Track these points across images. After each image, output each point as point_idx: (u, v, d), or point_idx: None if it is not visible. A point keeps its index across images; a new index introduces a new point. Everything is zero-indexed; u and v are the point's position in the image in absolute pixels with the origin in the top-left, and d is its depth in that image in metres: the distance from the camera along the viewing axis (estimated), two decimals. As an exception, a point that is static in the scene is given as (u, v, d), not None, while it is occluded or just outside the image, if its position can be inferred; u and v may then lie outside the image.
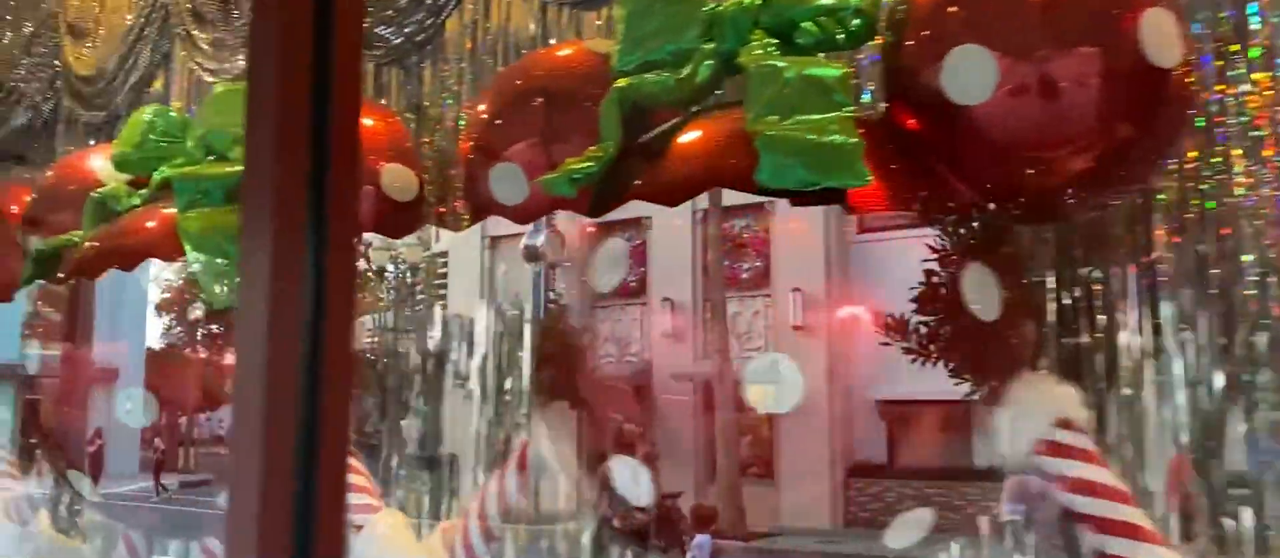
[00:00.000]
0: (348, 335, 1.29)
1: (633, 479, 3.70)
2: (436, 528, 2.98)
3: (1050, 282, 2.26)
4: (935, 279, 2.24)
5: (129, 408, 3.93)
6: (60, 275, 3.04)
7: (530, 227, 13.97)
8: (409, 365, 14.74)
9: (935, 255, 2.23)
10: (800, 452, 12.00)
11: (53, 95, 3.73)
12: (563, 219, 14.67)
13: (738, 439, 11.99)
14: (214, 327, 19.56)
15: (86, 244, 2.92)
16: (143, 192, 2.92)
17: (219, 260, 2.64)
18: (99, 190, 2.92)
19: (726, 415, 11.62)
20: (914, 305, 2.29)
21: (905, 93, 1.93)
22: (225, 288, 2.59)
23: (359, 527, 3.11)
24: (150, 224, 2.90)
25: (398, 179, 2.69)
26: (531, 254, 13.98)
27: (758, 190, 1.81)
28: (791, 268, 12.51)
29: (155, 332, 18.53)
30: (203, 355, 19.52)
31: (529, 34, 2.82)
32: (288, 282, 1.16)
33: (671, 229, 12.79)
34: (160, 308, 19.06)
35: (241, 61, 3.33)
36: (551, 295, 14.19)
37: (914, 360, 2.43)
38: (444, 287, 15.15)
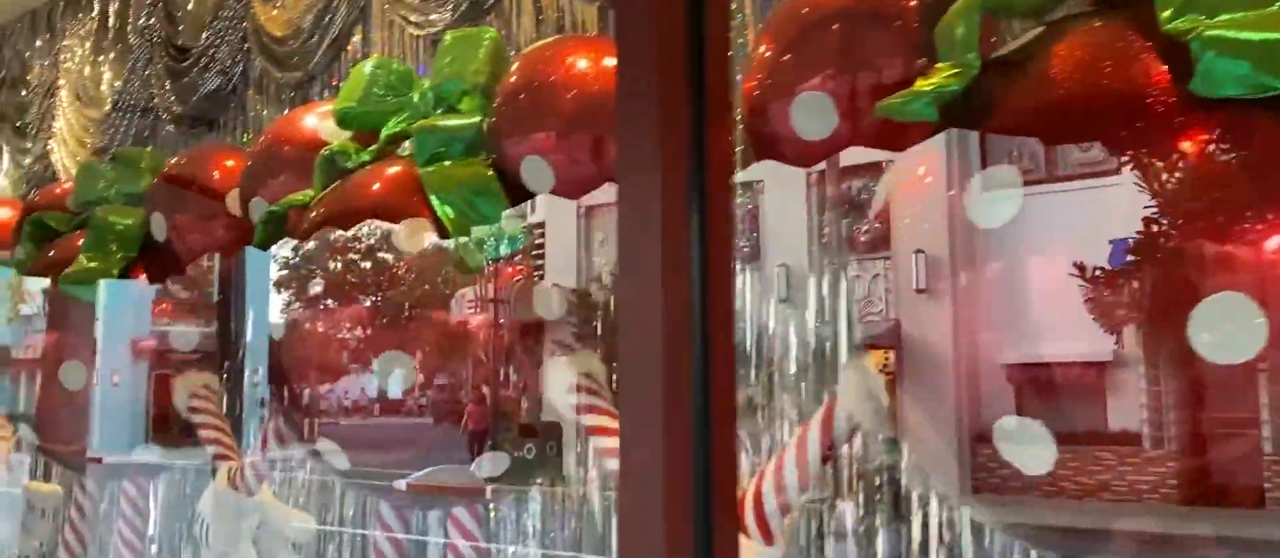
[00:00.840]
0: (730, 325, 1.23)
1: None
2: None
3: None
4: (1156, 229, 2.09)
5: (395, 374, 4.01)
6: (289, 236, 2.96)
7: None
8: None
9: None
10: (925, 416, 11.66)
11: (243, 57, 3.64)
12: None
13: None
14: (331, 301, 20.02)
15: (315, 204, 2.81)
16: (372, 148, 2.79)
17: (471, 215, 2.50)
18: (327, 148, 2.80)
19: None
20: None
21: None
22: (482, 251, 2.52)
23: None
24: (376, 185, 2.78)
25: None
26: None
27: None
28: (913, 229, 12.10)
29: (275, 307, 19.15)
30: (322, 329, 20.06)
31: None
32: (675, 275, 1.18)
33: (784, 192, 12.50)
34: (278, 285, 19.60)
35: (449, 11, 3.17)
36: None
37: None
38: (541, 258, 15.11)
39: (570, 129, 2.41)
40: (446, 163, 2.58)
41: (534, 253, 15.26)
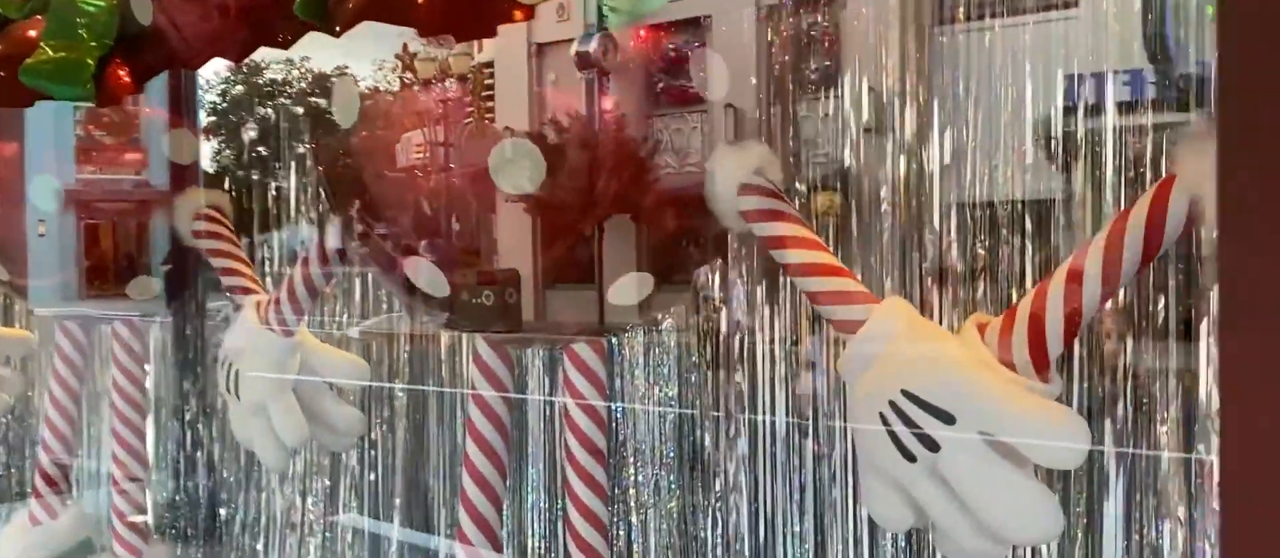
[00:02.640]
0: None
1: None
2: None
3: None
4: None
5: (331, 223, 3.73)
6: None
7: (581, 33, 13.36)
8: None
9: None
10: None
11: None
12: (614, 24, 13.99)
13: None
14: (263, 150, 19.24)
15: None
16: None
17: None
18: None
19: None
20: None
21: None
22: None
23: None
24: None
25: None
26: (583, 62, 13.43)
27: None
28: (863, 68, 11.96)
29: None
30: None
31: None
32: None
33: (734, 29, 12.18)
34: (206, 132, 18.81)
35: None
36: (606, 106, 13.76)
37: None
38: (491, 99, 14.69)
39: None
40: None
41: (484, 94, 14.80)
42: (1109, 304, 2.17)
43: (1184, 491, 2.52)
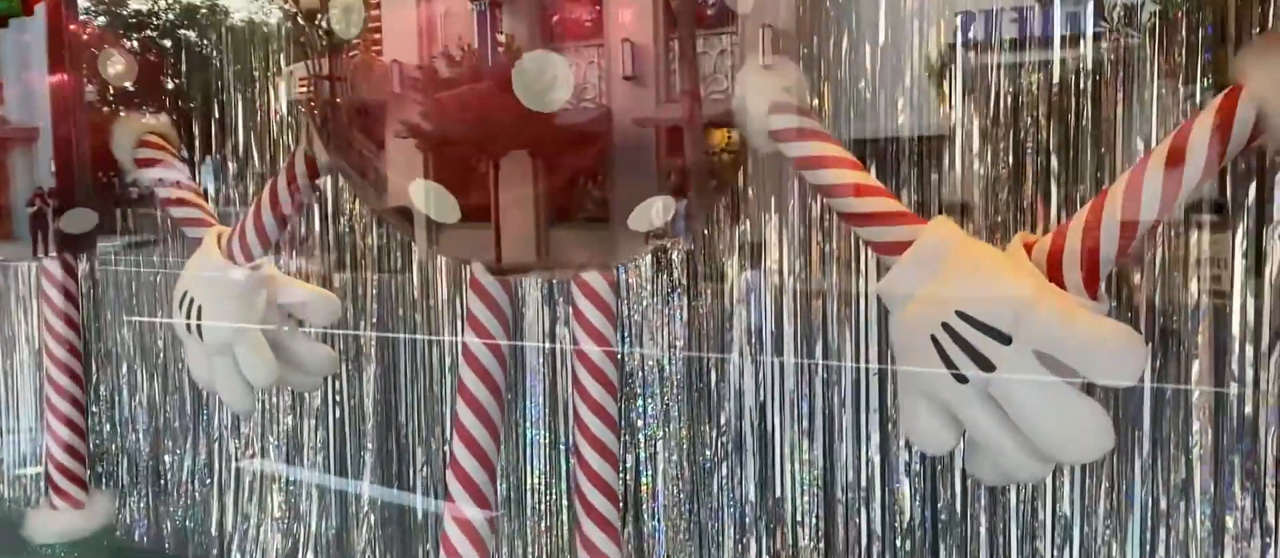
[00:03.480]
0: None
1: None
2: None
3: None
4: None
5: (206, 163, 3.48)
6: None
7: (471, -38, 12.84)
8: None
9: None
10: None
11: None
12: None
13: (708, 182, 11.92)
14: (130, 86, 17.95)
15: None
16: None
17: None
18: None
19: (697, 157, 11.44)
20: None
21: None
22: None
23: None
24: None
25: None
26: (476, -8, 12.94)
27: None
28: (760, 3, 11.93)
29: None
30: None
31: None
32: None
33: (630, -39, 11.91)
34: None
35: None
36: (500, 38, 13.31)
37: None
38: (378, 32, 14.05)
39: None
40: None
41: (370, 28, 14.13)
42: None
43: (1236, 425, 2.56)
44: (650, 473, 3.89)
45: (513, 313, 3.17)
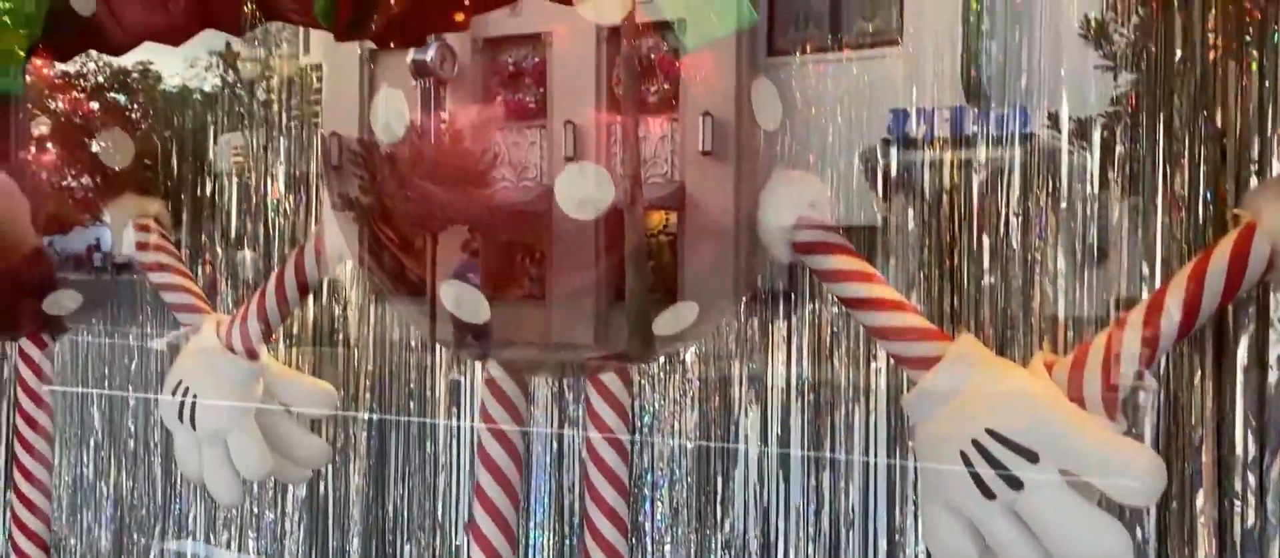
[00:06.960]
0: None
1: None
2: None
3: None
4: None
5: (128, 229, 3.31)
6: None
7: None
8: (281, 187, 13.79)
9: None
10: (704, 275, 12.18)
11: None
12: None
13: (645, 264, 12.00)
14: (52, 147, 17.49)
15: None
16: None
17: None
18: None
19: (636, 241, 11.52)
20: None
21: None
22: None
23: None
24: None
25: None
26: (420, 69, 13.03)
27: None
28: (701, 91, 12.27)
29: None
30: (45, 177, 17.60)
31: None
32: None
33: (574, 47, 12.20)
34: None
35: None
36: (442, 117, 13.36)
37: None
38: (319, 104, 13.98)
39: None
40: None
41: (312, 98, 14.04)
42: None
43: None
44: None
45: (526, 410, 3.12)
